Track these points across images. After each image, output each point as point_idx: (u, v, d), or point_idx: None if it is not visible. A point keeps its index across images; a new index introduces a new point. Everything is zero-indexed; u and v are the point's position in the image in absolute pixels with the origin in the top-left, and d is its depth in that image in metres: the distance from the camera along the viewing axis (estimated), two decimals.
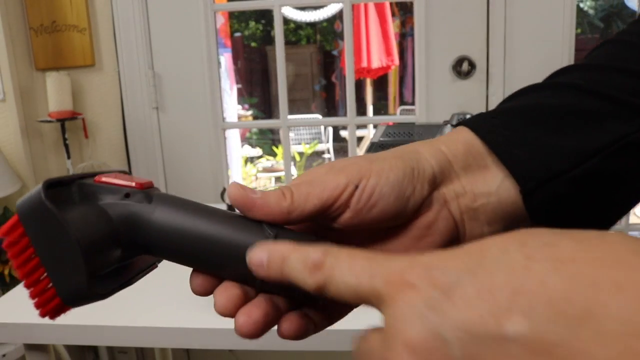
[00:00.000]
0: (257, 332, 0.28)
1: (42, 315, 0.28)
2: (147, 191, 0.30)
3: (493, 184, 0.32)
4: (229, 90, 3.78)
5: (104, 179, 0.30)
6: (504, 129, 0.32)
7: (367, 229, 0.31)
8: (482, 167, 0.32)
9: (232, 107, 3.97)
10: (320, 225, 0.31)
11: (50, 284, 0.28)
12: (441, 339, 0.19)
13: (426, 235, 0.32)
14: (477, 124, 0.33)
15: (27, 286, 0.28)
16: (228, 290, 0.29)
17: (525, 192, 0.31)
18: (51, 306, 0.28)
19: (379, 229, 0.32)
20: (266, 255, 0.26)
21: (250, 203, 0.28)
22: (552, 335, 0.17)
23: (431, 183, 0.31)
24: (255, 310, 0.28)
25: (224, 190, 1.74)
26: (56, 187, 0.28)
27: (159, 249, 0.30)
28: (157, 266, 0.34)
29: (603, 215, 0.33)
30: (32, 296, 0.28)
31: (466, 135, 0.32)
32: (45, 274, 0.28)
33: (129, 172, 0.35)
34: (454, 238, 0.32)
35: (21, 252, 0.27)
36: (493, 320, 0.18)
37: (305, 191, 0.29)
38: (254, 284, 0.29)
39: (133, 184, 0.30)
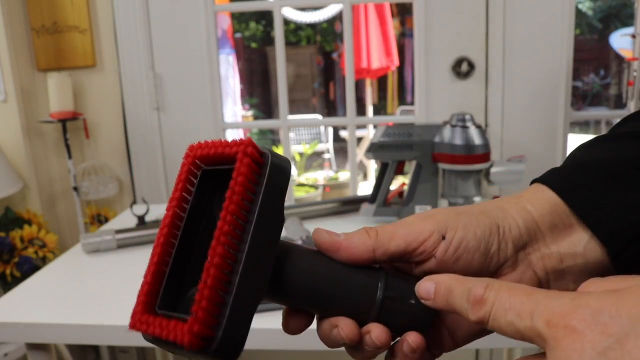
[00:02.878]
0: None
1: (188, 343, 0.24)
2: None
3: (579, 245, 0.31)
4: (237, 91, 3.77)
5: None
6: (584, 187, 0.31)
7: None
8: (567, 226, 0.32)
9: (238, 108, 3.96)
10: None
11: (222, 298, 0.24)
12: None
13: None
14: (557, 182, 0.32)
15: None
16: (348, 325, 0.30)
17: (612, 252, 0.30)
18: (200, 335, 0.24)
19: None
20: (433, 287, 0.28)
21: (336, 245, 0.29)
22: None
23: (516, 242, 0.31)
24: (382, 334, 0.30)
25: None
26: None
27: (293, 295, 0.30)
28: None
29: None
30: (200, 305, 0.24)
31: (549, 194, 0.32)
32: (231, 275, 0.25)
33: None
34: None
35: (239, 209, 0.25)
36: None
37: (390, 231, 0.30)
38: (368, 317, 0.30)
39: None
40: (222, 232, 0.24)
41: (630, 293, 0.21)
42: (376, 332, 0.30)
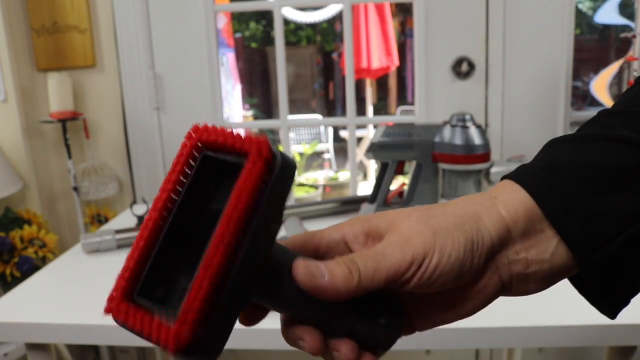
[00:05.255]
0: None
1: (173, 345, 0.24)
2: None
3: (547, 251, 0.32)
4: (232, 89, 3.77)
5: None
6: (558, 191, 0.32)
7: None
8: (538, 231, 0.32)
9: (237, 106, 3.95)
10: None
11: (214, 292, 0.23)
12: None
13: (474, 297, 0.33)
14: (533, 184, 0.33)
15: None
16: (315, 339, 0.31)
17: (579, 258, 0.31)
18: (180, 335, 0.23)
19: None
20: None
21: (320, 289, 0.29)
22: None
23: (488, 254, 0.32)
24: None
25: None
26: None
27: (283, 302, 0.30)
28: None
29: None
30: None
31: (524, 196, 0.32)
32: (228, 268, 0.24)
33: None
34: (498, 295, 0.34)
35: (249, 199, 0.24)
36: None
37: (372, 267, 0.30)
38: (336, 333, 0.32)
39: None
40: (223, 241, 0.23)
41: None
42: (344, 349, 0.31)
